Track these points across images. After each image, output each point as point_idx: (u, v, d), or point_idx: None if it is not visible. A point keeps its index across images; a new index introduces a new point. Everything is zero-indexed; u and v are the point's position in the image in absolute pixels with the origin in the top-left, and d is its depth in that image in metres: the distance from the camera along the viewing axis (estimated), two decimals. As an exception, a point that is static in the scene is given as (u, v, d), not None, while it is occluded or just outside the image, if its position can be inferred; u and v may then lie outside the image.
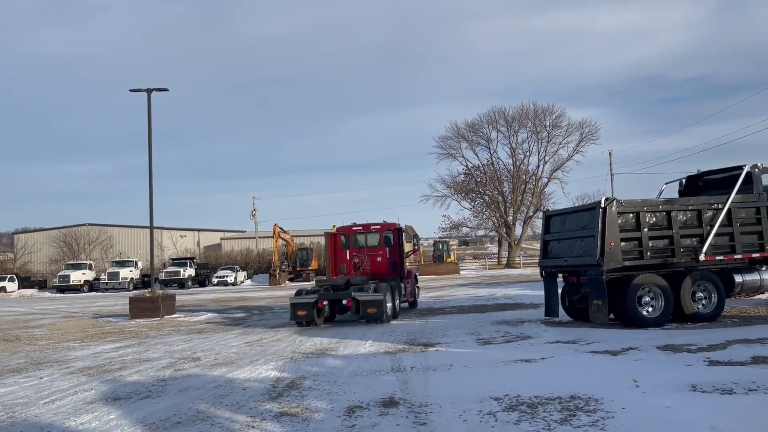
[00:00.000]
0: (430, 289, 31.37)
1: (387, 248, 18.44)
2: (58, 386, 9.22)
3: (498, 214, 61.22)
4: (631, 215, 12.55)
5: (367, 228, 18.79)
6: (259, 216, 61.81)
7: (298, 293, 16.13)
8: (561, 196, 75.52)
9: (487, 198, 61.80)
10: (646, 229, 12.50)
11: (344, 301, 15.53)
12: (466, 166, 61.86)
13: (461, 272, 49.06)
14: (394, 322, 16.14)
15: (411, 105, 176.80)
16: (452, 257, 52.87)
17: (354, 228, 18.79)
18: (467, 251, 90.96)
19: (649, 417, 5.95)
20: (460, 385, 7.89)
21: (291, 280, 49.01)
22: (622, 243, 12.36)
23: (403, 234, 19.29)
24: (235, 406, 7.38)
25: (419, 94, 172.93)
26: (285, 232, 49.87)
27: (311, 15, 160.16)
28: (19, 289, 47.85)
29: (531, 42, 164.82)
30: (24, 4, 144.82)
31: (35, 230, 64.25)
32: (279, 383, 8.62)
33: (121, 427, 6.70)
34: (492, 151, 61.41)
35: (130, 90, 22.79)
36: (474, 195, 62.30)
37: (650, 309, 12.45)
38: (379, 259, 18.33)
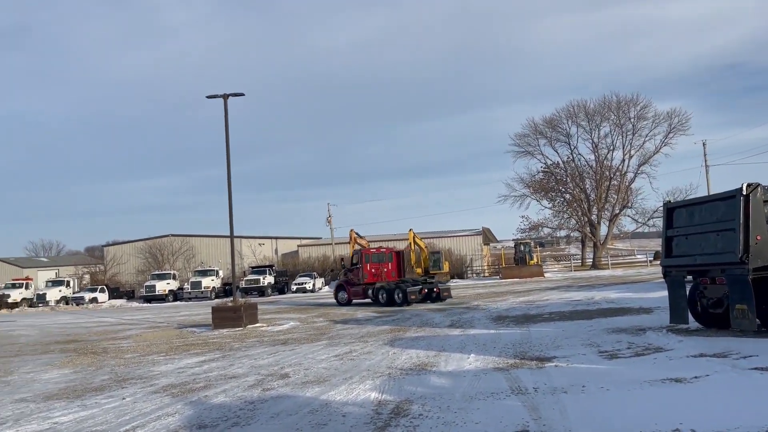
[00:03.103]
0: (518, 293, 29.58)
1: (389, 263, 28.36)
2: (141, 409, 8.40)
3: (580, 213, 58.25)
4: (778, 204, 10.62)
5: (378, 250, 29.31)
6: (334, 222, 61.59)
7: (411, 286, 25.56)
8: (650, 192, 71.21)
9: (568, 196, 58.96)
10: (799, 220, 10.53)
11: (435, 289, 26.14)
12: (545, 163, 59.26)
13: (545, 275, 46.79)
14: (492, 330, 14.82)
15: (482, 105, 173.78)
16: (535, 259, 50.50)
17: (371, 250, 29.13)
18: (544, 253, 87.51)
19: None
20: (606, 414, 6.44)
21: (369, 285, 48.23)
22: (771, 236, 10.45)
23: (403, 252, 30.80)
24: (337, 439, 6.25)
25: (489, 94, 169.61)
26: (361, 237, 48.92)
27: (379, 21, 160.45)
28: (109, 299, 49.39)
29: (598, 37, 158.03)
30: (106, 30, 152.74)
31: (123, 242, 66.51)
32: (382, 408, 7.44)
33: (209, 466, 5.68)
34: (572, 147, 58.42)
35: (207, 96, 22.49)
36: (554, 194, 59.58)
37: (807, 314, 10.49)
38: (385, 270, 28.00)
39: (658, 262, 41.36)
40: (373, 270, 27.59)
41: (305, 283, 48.07)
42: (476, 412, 6.88)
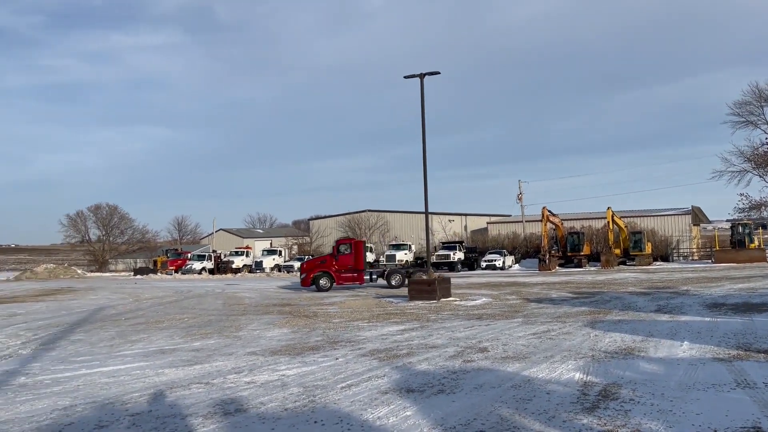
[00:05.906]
0: (735, 279, 26.61)
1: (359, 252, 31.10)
2: (353, 369, 9.14)
3: (816, 190, 50.25)
4: None
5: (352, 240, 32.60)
6: (525, 199, 60.28)
7: (417, 268, 32.92)
8: None
9: (800, 171, 51.12)
10: None
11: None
12: (772, 133, 51.89)
13: (769, 260, 41.35)
14: (706, 318, 13.58)
15: (692, 71, 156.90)
16: (756, 242, 44.80)
17: (352, 240, 32.34)
18: (765, 236, 76.60)
19: None
20: None
21: (561, 265, 46.64)
22: None
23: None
24: (543, 415, 6.23)
25: (701, 58, 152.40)
26: (554, 215, 47.63)
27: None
28: (316, 268, 53.90)
29: None
30: (308, 20, 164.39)
31: (326, 217, 71.87)
32: (588, 389, 7.25)
33: (420, 427, 6.03)
34: (808, 114, 50.40)
35: (404, 77, 23.25)
36: (781, 168, 52.05)
37: None
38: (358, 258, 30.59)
39: None
40: (356, 256, 30.68)
41: (495, 260, 47.93)
42: (695, 403, 6.40)
